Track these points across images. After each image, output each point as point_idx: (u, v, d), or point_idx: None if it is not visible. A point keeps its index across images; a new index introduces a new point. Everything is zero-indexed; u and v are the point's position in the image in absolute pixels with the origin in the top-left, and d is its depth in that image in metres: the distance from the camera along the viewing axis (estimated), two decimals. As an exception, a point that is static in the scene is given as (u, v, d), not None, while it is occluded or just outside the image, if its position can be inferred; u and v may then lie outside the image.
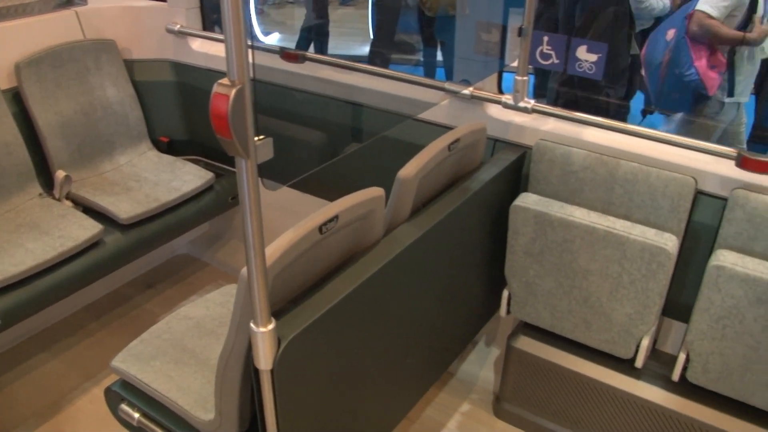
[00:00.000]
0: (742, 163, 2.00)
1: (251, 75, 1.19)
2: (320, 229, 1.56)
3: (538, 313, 2.32)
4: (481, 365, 2.77)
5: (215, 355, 1.96)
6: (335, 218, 1.59)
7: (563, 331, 2.31)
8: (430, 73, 5.74)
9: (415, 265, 1.88)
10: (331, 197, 1.67)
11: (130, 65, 3.05)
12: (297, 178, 2.75)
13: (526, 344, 2.40)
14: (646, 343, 2.17)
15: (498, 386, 2.59)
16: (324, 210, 1.60)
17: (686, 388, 2.20)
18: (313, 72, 2.80)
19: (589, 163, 2.20)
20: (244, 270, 1.38)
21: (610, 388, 2.28)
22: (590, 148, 2.23)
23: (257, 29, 7.11)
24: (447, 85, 2.45)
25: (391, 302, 1.82)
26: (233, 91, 1.15)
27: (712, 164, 2.12)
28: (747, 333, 1.97)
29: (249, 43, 1.16)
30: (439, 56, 5.57)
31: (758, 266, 1.90)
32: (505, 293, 2.36)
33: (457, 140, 2.02)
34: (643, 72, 4.09)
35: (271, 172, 1.71)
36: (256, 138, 1.23)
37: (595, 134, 2.27)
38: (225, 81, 1.16)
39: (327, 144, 2.82)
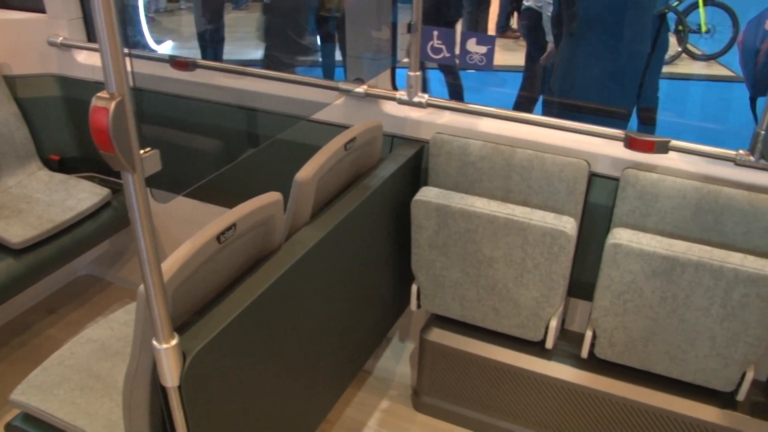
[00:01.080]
0: (629, 143, 2.08)
1: (131, 85, 1.15)
2: (218, 238, 1.53)
3: (448, 305, 2.35)
4: (397, 361, 2.79)
5: (123, 377, 1.90)
6: (233, 226, 1.56)
7: (474, 319, 2.35)
8: (328, 73, 5.72)
9: (319, 267, 1.87)
10: (232, 205, 1.64)
11: (11, 81, 2.91)
12: (191, 187, 2.69)
13: (439, 336, 2.43)
14: (554, 324, 2.23)
15: (415, 380, 2.61)
16: (221, 219, 1.57)
17: (595, 364, 2.28)
18: (206, 79, 2.75)
19: (485, 153, 2.24)
20: (142, 287, 1.34)
21: (524, 371, 2.33)
22: (486, 138, 2.27)
23: (149, 38, 6.92)
24: (341, 85, 2.44)
25: (298, 306, 1.81)
26: (113, 104, 1.11)
27: (603, 147, 2.20)
28: (646, 305, 2.05)
29: (126, 51, 1.12)
30: (338, 56, 5.56)
31: (651, 241, 1.98)
32: (414, 287, 2.38)
33: (353, 139, 2.02)
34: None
35: (165, 183, 1.66)
36: (141, 151, 1.19)
37: (490, 124, 2.31)
38: (104, 94, 1.12)
39: (222, 151, 2.77)
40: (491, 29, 8.17)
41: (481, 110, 2.33)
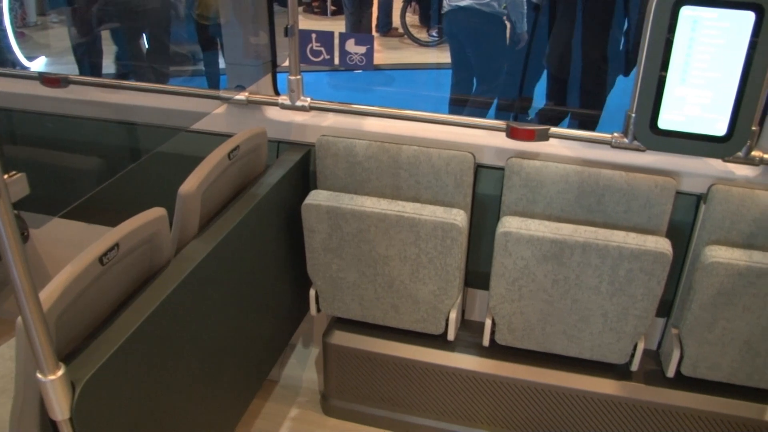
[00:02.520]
0: (511, 133, 2.13)
1: None
2: (101, 260, 1.47)
3: (347, 306, 2.35)
4: (303, 367, 2.76)
5: None
6: (116, 246, 1.51)
7: (374, 318, 2.35)
8: (213, 81, 5.62)
9: (211, 280, 1.83)
10: (117, 224, 1.58)
11: None
12: (67, 208, 2.58)
13: (341, 338, 2.42)
14: (453, 316, 2.26)
15: (323, 385, 2.59)
16: (103, 239, 1.51)
17: (497, 351, 2.33)
18: (81, 95, 2.64)
19: (372, 153, 2.24)
20: (20, 318, 1.27)
21: (429, 365, 2.36)
22: (372, 137, 2.28)
23: (19, 54, 6.57)
24: (222, 93, 2.40)
25: (193, 322, 1.76)
26: None
27: (487, 138, 2.24)
28: (540, 289, 2.11)
29: None
30: (221, 64, 5.45)
31: (540, 226, 2.04)
32: (312, 292, 2.37)
33: (236, 147, 1.99)
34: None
35: (40, 206, 1.58)
36: (6, 175, 1.13)
37: (376, 123, 2.32)
38: None
39: (101, 168, 2.67)
40: (374, 29, 8.25)
41: (365, 110, 2.33)
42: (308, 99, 2.31)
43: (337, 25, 8.51)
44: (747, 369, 2.13)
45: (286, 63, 2.31)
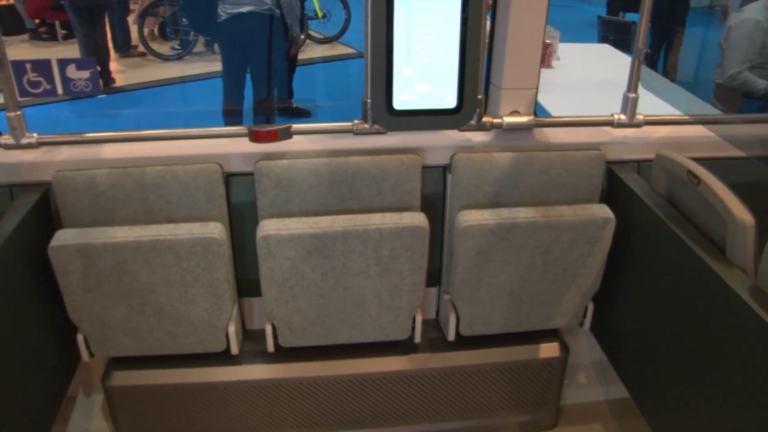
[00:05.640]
0: (254, 137, 2.12)
1: None
2: None
3: (121, 344, 2.22)
4: (89, 418, 2.58)
5: None
6: None
7: (153, 350, 2.25)
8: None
9: None
10: None
11: None
12: None
13: (122, 378, 2.30)
14: (233, 329, 2.22)
15: (114, 430, 2.44)
16: None
17: (284, 354, 2.33)
18: None
19: (114, 180, 2.13)
20: None
21: (218, 384, 2.31)
22: (113, 164, 2.16)
23: None
24: None
25: None
26: None
27: (231, 146, 2.22)
28: (311, 284, 2.13)
29: None
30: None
31: (298, 224, 2.05)
32: (80, 337, 2.21)
33: None
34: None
35: None
36: None
37: (116, 149, 2.20)
38: None
39: None
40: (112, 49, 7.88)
41: (101, 137, 2.20)
42: (35, 135, 2.14)
43: (71, 51, 8.03)
44: (515, 317, 2.31)
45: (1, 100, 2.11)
